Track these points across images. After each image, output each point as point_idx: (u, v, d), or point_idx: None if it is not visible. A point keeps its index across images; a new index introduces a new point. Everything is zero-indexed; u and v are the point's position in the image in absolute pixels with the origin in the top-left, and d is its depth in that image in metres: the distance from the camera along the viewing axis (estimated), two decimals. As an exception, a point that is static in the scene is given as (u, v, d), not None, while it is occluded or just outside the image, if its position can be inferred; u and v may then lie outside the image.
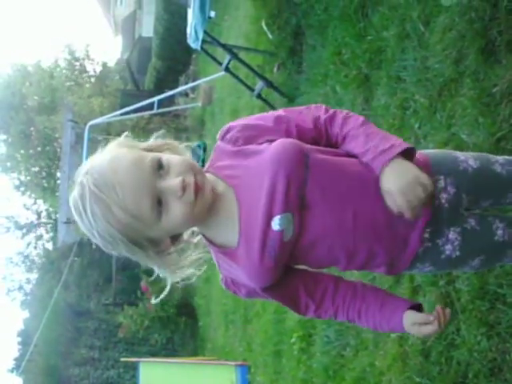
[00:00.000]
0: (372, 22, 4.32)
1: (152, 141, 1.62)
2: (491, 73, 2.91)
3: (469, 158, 1.68)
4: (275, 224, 1.51)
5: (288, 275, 1.65)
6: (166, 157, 1.51)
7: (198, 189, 1.47)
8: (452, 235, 1.63)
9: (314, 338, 4.81)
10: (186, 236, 1.65)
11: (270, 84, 6.41)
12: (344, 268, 1.63)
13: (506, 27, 2.86)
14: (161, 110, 12.95)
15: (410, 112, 3.59)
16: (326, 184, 1.53)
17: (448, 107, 3.19)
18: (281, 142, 1.53)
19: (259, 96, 6.72)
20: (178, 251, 1.62)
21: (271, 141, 1.56)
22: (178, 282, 1.62)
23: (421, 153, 1.68)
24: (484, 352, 2.66)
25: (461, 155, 1.70)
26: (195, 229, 1.64)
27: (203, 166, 1.65)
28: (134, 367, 11.19)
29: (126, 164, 1.45)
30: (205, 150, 10.73)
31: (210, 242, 1.62)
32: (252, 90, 6.91)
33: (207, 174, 1.58)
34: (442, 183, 1.63)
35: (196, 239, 1.66)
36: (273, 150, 1.52)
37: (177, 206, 1.46)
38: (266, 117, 1.64)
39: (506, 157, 1.75)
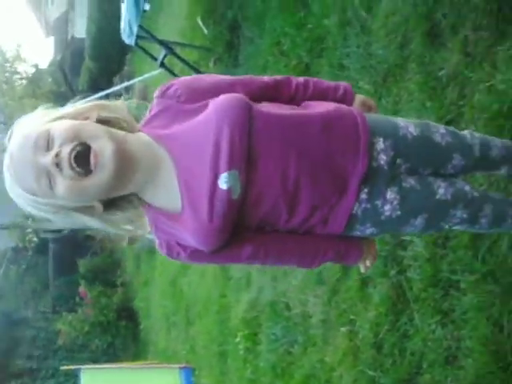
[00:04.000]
0: (312, 10, 4.25)
1: (73, 106, 1.58)
2: (437, 56, 2.88)
3: (409, 125, 1.68)
4: (222, 183, 1.46)
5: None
6: (53, 128, 1.46)
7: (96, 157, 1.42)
8: (390, 195, 1.62)
9: (260, 336, 4.72)
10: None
11: (207, 79, 6.30)
12: (284, 225, 1.57)
13: (451, 10, 2.84)
14: (95, 111, 12.75)
15: (354, 99, 3.53)
16: (271, 134, 1.49)
17: (393, 92, 3.16)
18: (225, 97, 1.50)
19: (196, 92, 6.60)
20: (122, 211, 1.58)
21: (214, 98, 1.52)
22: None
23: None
24: (439, 340, 2.62)
25: (401, 122, 1.70)
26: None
27: None
28: (74, 375, 10.92)
29: (17, 145, 1.47)
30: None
31: (148, 204, 1.55)
32: (188, 85, 6.79)
33: (140, 133, 1.53)
34: (381, 144, 1.62)
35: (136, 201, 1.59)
36: (216, 106, 1.49)
37: (60, 180, 1.44)
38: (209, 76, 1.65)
39: (449, 127, 1.77)
